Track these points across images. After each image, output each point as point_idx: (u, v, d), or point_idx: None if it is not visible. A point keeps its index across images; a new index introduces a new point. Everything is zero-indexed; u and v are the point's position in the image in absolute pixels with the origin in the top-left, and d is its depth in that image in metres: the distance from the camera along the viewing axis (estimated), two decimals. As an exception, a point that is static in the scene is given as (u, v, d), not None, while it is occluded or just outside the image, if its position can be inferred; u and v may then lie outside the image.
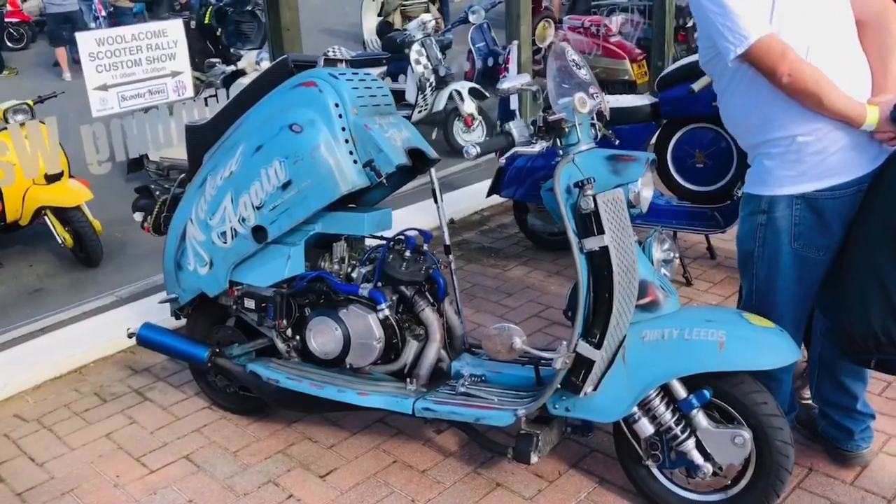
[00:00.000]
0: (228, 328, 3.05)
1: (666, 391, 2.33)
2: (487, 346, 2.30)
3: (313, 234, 2.77)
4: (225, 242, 2.80)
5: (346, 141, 2.62)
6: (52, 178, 4.83)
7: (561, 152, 2.37)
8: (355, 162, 2.62)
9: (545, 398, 2.34)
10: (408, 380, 2.63)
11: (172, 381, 3.42)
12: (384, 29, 10.29)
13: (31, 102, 5.02)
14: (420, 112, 7.08)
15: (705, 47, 2.38)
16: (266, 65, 6.82)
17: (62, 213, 4.96)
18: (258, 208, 2.70)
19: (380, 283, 2.68)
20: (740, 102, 2.35)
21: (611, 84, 8.04)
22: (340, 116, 2.62)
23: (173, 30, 3.76)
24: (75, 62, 11.22)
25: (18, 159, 4.39)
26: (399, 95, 7.27)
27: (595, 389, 2.33)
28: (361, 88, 2.72)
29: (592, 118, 2.43)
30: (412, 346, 2.68)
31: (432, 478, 2.72)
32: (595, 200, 2.18)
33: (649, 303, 2.36)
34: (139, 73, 3.69)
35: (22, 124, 4.73)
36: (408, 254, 2.70)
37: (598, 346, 2.23)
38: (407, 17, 10.08)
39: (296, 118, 2.62)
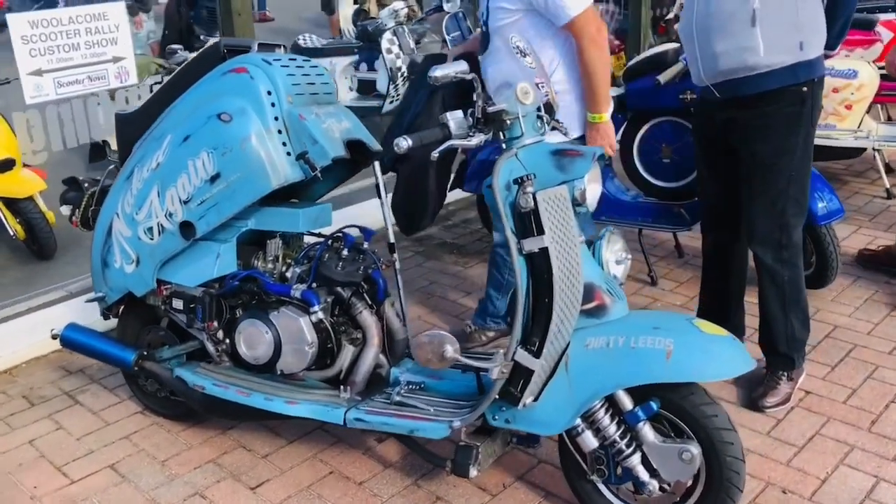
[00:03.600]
0: (161, 329, 2.88)
1: (611, 402, 2.19)
2: (418, 354, 2.14)
3: (246, 230, 2.60)
4: (152, 239, 2.63)
5: (279, 132, 2.45)
6: (2, 168, 4.63)
7: (504, 146, 2.22)
8: (289, 154, 2.46)
9: (481, 409, 2.19)
10: (341, 387, 2.47)
11: (107, 384, 3.25)
12: (361, 17, 10.09)
13: (-21, 90, 4.82)
14: (391, 102, 6.90)
15: (511, 9, 2.76)
16: (230, 53, 6.64)
17: (13, 204, 4.76)
18: (185, 203, 2.52)
19: (314, 284, 2.52)
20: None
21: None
22: (273, 105, 2.45)
23: (114, 13, 3.56)
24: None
25: None
26: (371, 85, 7.11)
27: (536, 400, 2.18)
28: (298, 75, 2.55)
29: (540, 110, 2.28)
30: (348, 351, 2.52)
31: (369, 490, 2.56)
32: (535, 198, 2.02)
33: (595, 308, 2.20)
34: (77, 58, 3.49)
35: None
36: (345, 252, 2.54)
37: (537, 354, 2.08)
38: (382, 6, 9.88)
39: (225, 106, 2.45)
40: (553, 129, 2.41)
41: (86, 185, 2.90)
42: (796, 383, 2.91)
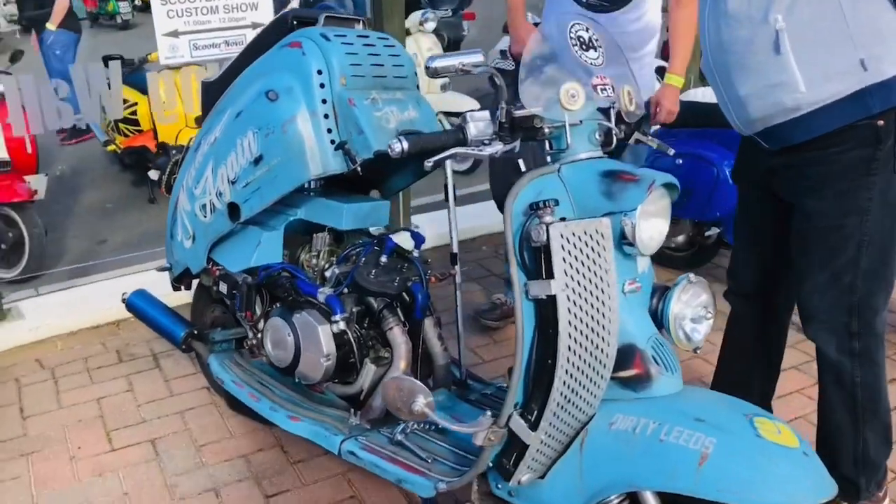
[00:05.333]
0: (226, 309, 2.76)
1: (634, 499, 1.71)
2: (386, 399, 1.80)
3: (295, 219, 2.39)
4: (205, 217, 2.50)
5: (326, 116, 2.19)
6: (200, 121, 4.85)
7: (549, 159, 1.79)
8: (333, 142, 2.19)
9: (470, 476, 1.81)
10: (352, 411, 2.19)
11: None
12: None
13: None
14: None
15: None
16: (431, 26, 6.51)
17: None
18: (233, 183, 2.36)
19: (347, 290, 2.24)
20: None
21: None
22: (322, 86, 2.19)
23: (257, -22, 3.51)
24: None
25: (168, 98, 4.41)
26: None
27: (543, 477, 1.76)
28: (362, 55, 2.27)
29: (609, 118, 1.81)
30: (369, 371, 2.22)
31: (380, 527, 2.28)
32: (548, 231, 1.59)
33: (633, 377, 1.72)
34: (215, 21, 3.47)
35: (177, 67, 4.80)
36: (383, 259, 2.24)
37: (533, 426, 1.66)
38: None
39: (273, 84, 2.23)
40: (637, 141, 1.93)
41: (173, 151, 2.85)
42: None
